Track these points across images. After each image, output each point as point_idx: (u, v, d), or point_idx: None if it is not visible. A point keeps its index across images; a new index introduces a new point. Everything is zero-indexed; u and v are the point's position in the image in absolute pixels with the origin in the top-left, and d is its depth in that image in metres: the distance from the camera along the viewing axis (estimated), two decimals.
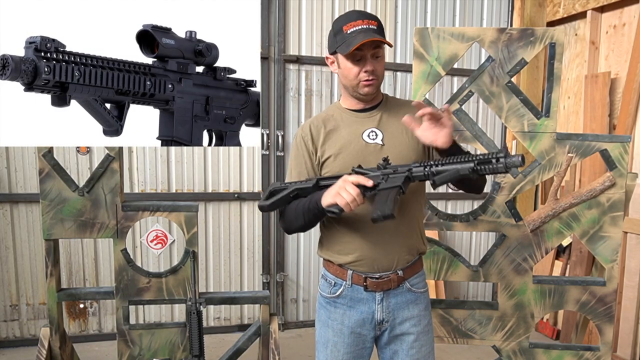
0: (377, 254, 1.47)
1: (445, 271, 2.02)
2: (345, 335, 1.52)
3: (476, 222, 1.98)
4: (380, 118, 1.51)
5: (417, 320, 1.53)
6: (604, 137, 1.91)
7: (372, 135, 1.49)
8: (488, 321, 2.02)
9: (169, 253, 3.45)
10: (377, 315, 1.50)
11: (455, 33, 1.89)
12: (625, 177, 1.90)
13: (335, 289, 1.53)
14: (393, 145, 1.48)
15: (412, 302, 1.53)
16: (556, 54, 1.87)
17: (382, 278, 1.48)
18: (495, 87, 1.90)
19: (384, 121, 1.50)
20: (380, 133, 1.49)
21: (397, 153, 1.46)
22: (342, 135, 1.50)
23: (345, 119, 1.52)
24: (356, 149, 1.48)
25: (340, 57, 1.45)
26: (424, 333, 1.55)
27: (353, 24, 1.40)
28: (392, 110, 1.52)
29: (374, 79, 1.44)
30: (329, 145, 1.50)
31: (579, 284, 1.99)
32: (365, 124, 1.50)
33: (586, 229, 1.95)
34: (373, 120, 1.51)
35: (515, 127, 1.92)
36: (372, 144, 1.48)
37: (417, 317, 1.53)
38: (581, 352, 2.01)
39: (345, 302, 1.52)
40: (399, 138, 1.49)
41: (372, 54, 1.43)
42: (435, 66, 1.91)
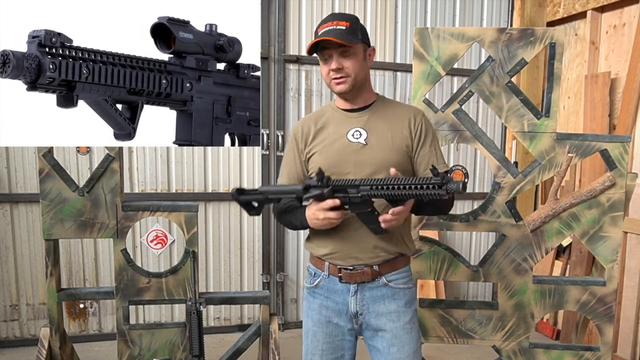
0: (349, 248, 1.50)
1: (445, 271, 2.02)
2: (323, 324, 1.57)
3: (476, 222, 1.98)
4: (367, 118, 1.54)
5: (396, 316, 1.52)
6: (604, 137, 1.91)
7: (357, 134, 1.52)
8: (488, 321, 2.02)
9: (169, 253, 3.45)
10: (351, 306, 1.53)
11: (455, 33, 1.89)
12: (625, 177, 1.90)
13: (314, 279, 1.59)
14: (375, 146, 1.51)
15: (389, 297, 1.53)
16: (556, 54, 1.87)
17: (355, 270, 1.51)
18: (495, 87, 1.90)
19: (371, 122, 1.54)
20: (365, 133, 1.52)
21: (379, 153, 1.49)
22: (329, 132, 1.55)
23: (335, 118, 1.57)
24: (338, 146, 1.52)
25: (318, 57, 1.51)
26: (405, 331, 1.53)
27: (324, 26, 1.46)
28: (381, 111, 1.56)
29: (343, 76, 1.47)
30: (317, 142, 1.56)
31: (579, 284, 1.99)
32: (352, 123, 1.54)
33: (586, 229, 1.95)
34: (360, 120, 1.54)
35: (515, 127, 1.92)
36: (354, 142, 1.51)
37: (395, 312, 1.52)
38: (581, 352, 2.01)
39: (323, 292, 1.56)
40: (382, 139, 1.51)
41: (340, 52, 1.45)
42: (435, 66, 1.91)
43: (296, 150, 1.60)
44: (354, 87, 1.50)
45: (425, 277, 2.02)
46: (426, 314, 2.04)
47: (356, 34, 1.47)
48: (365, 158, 1.50)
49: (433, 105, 1.94)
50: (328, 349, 1.57)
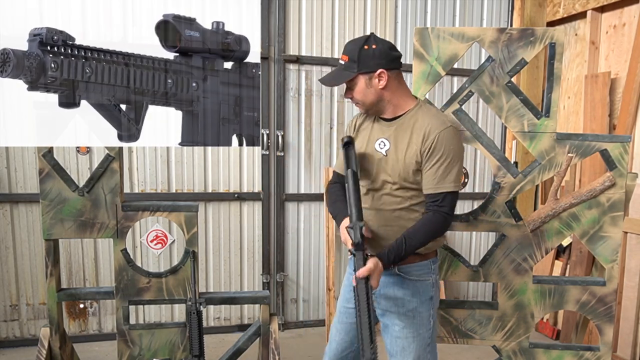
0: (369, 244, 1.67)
1: (445, 271, 2.02)
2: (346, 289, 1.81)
3: (476, 222, 1.98)
4: (394, 129, 1.68)
5: (401, 302, 1.70)
6: (604, 137, 1.91)
7: (381, 144, 1.69)
8: (488, 321, 2.02)
9: (169, 253, 3.45)
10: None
11: (455, 33, 1.89)
12: (625, 177, 1.90)
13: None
14: (392, 158, 1.66)
15: (398, 284, 1.70)
16: (556, 54, 1.87)
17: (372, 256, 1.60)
18: (495, 87, 1.90)
19: (396, 134, 1.67)
20: (389, 144, 1.68)
21: (393, 166, 1.66)
22: (365, 135, 1.73)
23: (374, 122, 1.73)
24: (367, 152, 1.71)
25: None
26: (408, 317, 1.70)
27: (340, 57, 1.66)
28: (409, 124, 1.66)
29: (356, 102, 1.68)
30: (358, 141, 1.74)
31: (579, 284, 1.99)
32: (382, 133, 1.70)
33: (586, 229, 1.95)
34: (388, 131, 1.69)
35: (515, 127, 1.92)
36: (378, 152, 1.69)
37: (402, 299, 1.70)
38: (581, 352, 2.01)
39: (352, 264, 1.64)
40: (399, 153, 1.65)
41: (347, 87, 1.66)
42: (435, 66, 1.91)
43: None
44: (369, 109, 1.68)
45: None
46: None
47: (352, 68, 1.61)
48: (382, 168, 1.68)
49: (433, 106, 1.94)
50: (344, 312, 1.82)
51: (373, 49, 1.60)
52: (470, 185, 4.05)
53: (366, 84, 1.62)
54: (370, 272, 1.50)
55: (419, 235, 1.60)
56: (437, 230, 1.64)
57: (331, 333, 1.90)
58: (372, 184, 1.70)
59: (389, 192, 1.68)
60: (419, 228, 1.61)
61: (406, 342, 1.71)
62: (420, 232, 1.60)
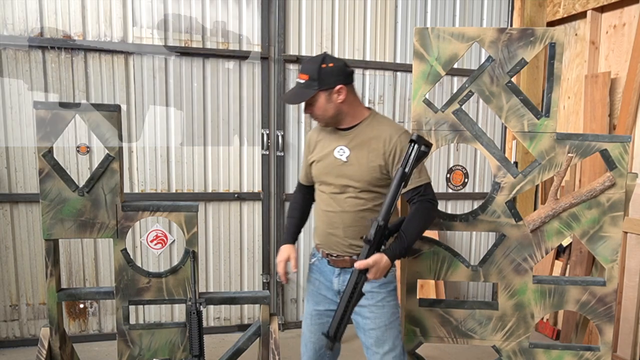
0: (332, 242, 1.87)
1: (445, 271, 2.01)
2: (314, 294, 1.96)
3: (476, 222, 1.98)
4: (352, 138, 1.83)
5: (370, 295, 1.83)
6: (604, 137, 1.90)
7: (341, 151, 1.83)
8: (488, 321, 2.02)
9: (169, 253, 3.45)
10: (334, 285, 1.90)
11: (455, 33, 1.89)
12: (625, 177, 1.90)
13: (312, 258, 1.99)
14: (354, 164, 1.80)
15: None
16: (556, 54, 1.86)
17: (338, 257, 1.87)
18: (495, 87, 1.90)
19: (354, 142, 1.82)
20: (348, 151, 1.82)
21: (355, 170, 1.80)
22: (324, 146, 1.88)
23: (330, 133, 1.88)
24: (328, 160, 1.85)
25: None
26: (378, 307, 1.85)
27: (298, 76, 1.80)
28: (365, 132, 1.82)
29: (317, 118, 1.83)
30: (316, 152, 1.90)
31: (579, 284, 1.99)
32: (340, 141, 1.84)
33: (586, 229, 1.95)
34: (347, 138, 1.83)
35: (515, 127, 1.92)
36: (338, 159, 1.83)
37: (370, 292, 1.83)
38: (581, 352, 2.01)
39: (317, 269, 1.96)
40: (360, 159, 1.80)
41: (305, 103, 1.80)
42: (435, 66, 1.91)
43: (306, 155, 1.96)
44: (329, 122, 1.83)
45: (425, 277, 2.02)
46: (426, 314, 2.04)
47: (313, 86, 1.75)
48: (344, 173, 1.81)
49: (433, 105, 1.94)
50: (316, 315, 1.96)
51: (331, 67, 1.75)
52: (470, 185, 4.06)
53: (326, 99, 1.77)
54: (369, 266, 1.64)
55: (414, 225, 1.74)
56: (429, 216, 1.80)
57: (305, 337, 2.02)
58: (335, 188, 1.84)
59: (354, 195, 1.82)
60: (412, 219, 1.75)
61: (379, 332, 1.85)
62: (415, 222, 1.74)
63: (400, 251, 1.70)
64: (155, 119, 3.33)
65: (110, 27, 3.20)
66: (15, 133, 3.12)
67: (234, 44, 3.42)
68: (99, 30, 3.18)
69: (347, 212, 1.82)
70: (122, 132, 2.33)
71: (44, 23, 3.08)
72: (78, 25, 3.14)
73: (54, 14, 3.09)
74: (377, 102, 3.75)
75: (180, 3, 3.30)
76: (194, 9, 3.34)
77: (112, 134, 2.04)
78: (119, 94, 3.26)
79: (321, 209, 1.91)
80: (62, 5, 3.10)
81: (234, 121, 3.48)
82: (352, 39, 3.65)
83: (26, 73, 3.09)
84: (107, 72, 3.23)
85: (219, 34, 3.39)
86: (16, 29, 3.04)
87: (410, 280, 2.02)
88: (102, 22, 3.18)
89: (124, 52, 3.23)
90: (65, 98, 3.16)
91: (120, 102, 3.25)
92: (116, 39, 3.21)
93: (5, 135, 3.11)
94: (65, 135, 3.16)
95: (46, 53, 3.11)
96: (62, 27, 3.12)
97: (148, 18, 3.26)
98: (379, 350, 1.86)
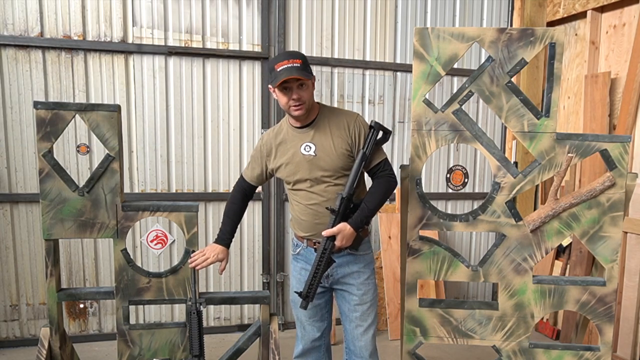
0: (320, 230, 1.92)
1: (445, 271, 2.01)
2: (302, 282, 2.05)
3: (476, 222, 1.98)
4: (313, 134, 1.97)
5: (357, 275, 2.05)
6: (604, 137, 1.90)
7: (307, 148, 1.96)
8: (488, 321, 2.02)
9: (169, 253, 3.45)
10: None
11: (455, 33, 1.89)
12: (625, 177, 1.90)
13: (296, 248, 2.12)
14: (323, 155, 1.95)
15: (352, 261, 2.05)
16: (556, 54, 1.86)
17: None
18: (495, 87, 1.90)
19: (317, 136, 1.96)
20: (314, 146, 1.96)
21: (326, 160, 1.95)
22: (287, 148, 2.00)
23: (290, 134, 2.00)
24: (297, 159, 1.97)
25: (276, 89, 1.89)
26: (364, 285, 2.06)
27: (281, 64, 1.85)
28: (323, 124, 1.97)
29: (301, 104, 1.89)
30: (280, 155, 2.01)
31: (579, 284, 1.99)
32: (303, 139, 1.97)
33: (586, 229, 1.94)
34: (308, 135, 1.97)
35: (515, 127, 1.92)
36: (307, 155, 1.96)
37: (357, 272, 2.05)
38: (581, 352, 2.01)
39: (303, 259, 2.10)
40: (327, 149, 1.95)
41: (298, 84, 1.87)
42: (435, 66, 1.91)
43: (260, 158, 2.09)
44: (307, 110, 1.93)
45: (425, 277, 2.02)
46: (426, 314, 2.04)
47: (308, 70, 1.88)
48: (316, 165, 1.95)
49: (433, 105, 1.94)
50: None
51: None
52: (470, 185, 4.06)
53: (312, 87, 1.94)
54: (334, 234, 1.84)
55: (376, 196, 1.92)
56: (389, 188, 1.96)
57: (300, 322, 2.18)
58: (312, 183, 1.97)
59: (332, 183, 1.96)
60: (374, 192, 1.93)
61: (365, 307, 2.06)
62: (376, 194, 1.92)
63: (361, 219, 1.87)
64: (155, 119, 3.33)
65: (110, 27, 3.20)
66: (15, 133, 3.12)
67: (234, 44, 3.42)
68: (99, 30, 3.18)
69: (330, 199, 1.96)
70: (122, 132, 2.34)
71: (44, 23, 3.08)
72: (78, 26, 3.14)
73: (54, 14, 3.09)
74: (377, 102, 3.75)
75: (180, 3, 3.30)
76: (194, 9, 3.34)
77: (112, 134, 2.04)
78: (119, 94, 3.26)
79: (303, 205, 2.01)
80: (62, 5, 3.10)
81: (234, 121, 3.48)
82: (352, 39, 3.65)
83: (26, 73, 3.09)
84: (107, 72, 3.23)
85: (219, 34, 3.39)
86: (16, 29, 3.04)
87: (410, 280, 2.02)
88: (102, 22, 3.19)
89: (124, 52, 3.23)
90: (65, 98, 3.17)
91: (120, 102, 3.25)
92: (116, 39, 3.22)
93: (5, 135, 3.11)
94: (65, 135, 3.17)
95: (46, 53, 3.11)
96: (62, 27, 3.12)
97: (148, 18, 3.26)
98: (363, 323, 2.07)
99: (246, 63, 3.46)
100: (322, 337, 2.18)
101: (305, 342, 2.17)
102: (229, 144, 3.49)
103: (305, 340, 2.17)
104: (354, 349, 2.11)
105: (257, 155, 2.10)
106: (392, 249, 3.64)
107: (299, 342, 2.19)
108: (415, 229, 1.98)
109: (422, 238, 1.99)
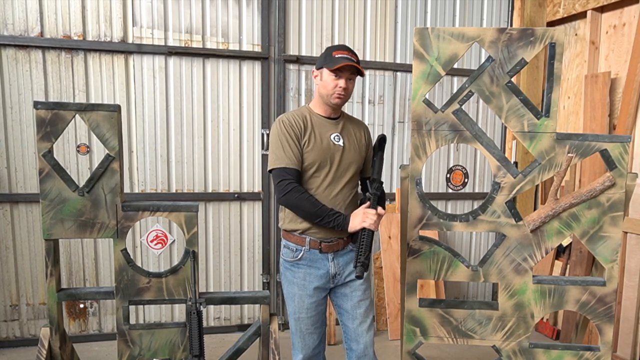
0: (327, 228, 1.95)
1: (445, 271, 2.01)
2: (308, 289, 2.03)
3: (476, 222, 1.98)
4: (342, 127, 2.05)
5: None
6: (604, 137, 1.90)
7: (337, 138, 2.01)
8: (488, 321, 2.02)
9: (169, 253, 3.45)
10: (331, 270, 2.04)
11: (455, 33, 1.89)
12: (625, 177, 1.90)
13: (296, 254, 2.03)
14: (349, 149, 2.03)
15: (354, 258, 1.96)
16: (556, 54, 1.86)
17: (333, 242, 2.02)
18: (495, 87, 1.90)
19: (345, 130, 2.05)
20: (341, 138, 2.03)
21: (352, 154, 2.03)
22: (315, 133, 1.98)
23: (316, 121, 2.01)
24: (325, 146, 1.98)
25: (325, 71, 1.94)
26: (367, 281, 2.11)
27: (341, 52, 1.93)
28: (348, 123, 2.08)
29: (344, 94, 1.96)
30: (307, 139, 1.97)
31: (579, 284, 1.99)
32: (332, 129, 2.02)
33: (586, 229, 1.95)
34: (337, 127, 2.03)
35: (515, 127, 1.92)
36: (336, 144, 2.00)
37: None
38: (581, 352, 2.01)
39: (306, 263, 2.03)
40: (353, 145, 2.05)
41: (348, 76, 1.94)
42: (435, 66, 1.91)
43: (295, 137, 1.95)
44: (344, 103, 2.01)
45: (425, 277, 2.02)
46: (426, 314, 2.04)
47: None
48: (343, 157, 2.00)
49: (433, 105, 1.94)
50: (312, 307, 2.05)
51: None
52: (470, 185, 4.06)
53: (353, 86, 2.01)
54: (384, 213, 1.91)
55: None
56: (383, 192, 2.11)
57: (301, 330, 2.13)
58: (335, 173, 1.98)
59: (353, 177, 2.04)
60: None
61: (367, 303, 2.10)
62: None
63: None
64: (155, 119, 3.33)
65: (110, 27, 3.20)
66: (16, 133, 3.12)
67: (234, 44, 3.42)
68: (99, 30, 3.19)
69: (345, 194, 2.01)
70: (122, 132, 2.34)
71: (44, 23, 3.08)
72: (78, 25, 3.14)
73: (54, 14, 3.09)
74: (377, 102, 3.75)
75: (180, 3, 3.30)
76: (194, 9, 3.34)
77: (112, 134, 2.04)
78: (119, 94, 3.26)
79: (319, 192, 1.96)
80: (62, 5, 3.10)
81: (234, 121, 3.48)
82: (352, 39, 3.65)
83: (26, 73, 3.09)
84: (107, 72, 3.23)
85: (219, 34, 3.39)
86: (16, 29, 3.04)
87: (410, 280, 2.02)
88: (102, 22, 3.19)
89: (124, 52, 3.23)
90: (65, 98, 3.17)
91: (120, 102, 3.25)
92: (116, 39, 3.22)
93: (5, 135, 3.11)
94: (65, 135, 3.17)
95: (46, 53, 3.11)
96: (62, 27, 3.12)
97: (148, 18, 3.26)
98: (366, 319, 2.09)
99: (246, 63, 3.46)
100: (320, 343, 2.17)
101: (307, 351, 2.14)
102: (229, 144, 3.49)
103: (306, 350, 2.14)
104: (357, 347, 2.09)
105: (287, 137, 1.94)
106: (392, 249, 3.64)
107: (298, 352, 2.15)
108: (415, 229, 1.98)
109: (422, 238, 1.99)
